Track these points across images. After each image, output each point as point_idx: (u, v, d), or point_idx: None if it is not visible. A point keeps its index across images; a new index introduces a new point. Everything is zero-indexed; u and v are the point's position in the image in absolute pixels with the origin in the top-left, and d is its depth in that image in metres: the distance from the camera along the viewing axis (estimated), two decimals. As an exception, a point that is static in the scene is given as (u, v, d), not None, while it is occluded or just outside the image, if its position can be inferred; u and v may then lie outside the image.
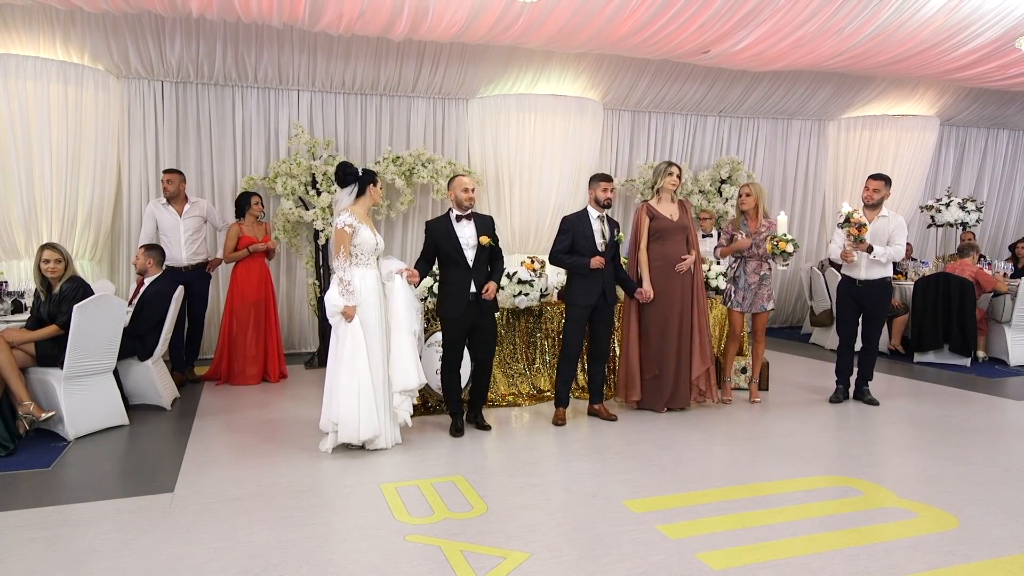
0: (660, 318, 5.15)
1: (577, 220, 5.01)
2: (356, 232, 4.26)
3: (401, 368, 4.31)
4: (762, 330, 5.63)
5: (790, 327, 9.74)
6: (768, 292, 5.51)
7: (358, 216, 4.32)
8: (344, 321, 4.21)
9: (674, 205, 5.23)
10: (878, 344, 5.63)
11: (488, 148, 7.83)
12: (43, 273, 4.71)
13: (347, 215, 4.29)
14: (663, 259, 5.16)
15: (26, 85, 6.04)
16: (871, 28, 6.15)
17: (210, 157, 7.19)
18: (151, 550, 3.01)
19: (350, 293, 4.22)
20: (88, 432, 4.68)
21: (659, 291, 5.13)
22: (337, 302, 4.20)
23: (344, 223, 4.26)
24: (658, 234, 5.16)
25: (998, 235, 10.71)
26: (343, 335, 4.22)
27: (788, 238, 5.29)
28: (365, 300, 4.27)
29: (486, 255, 4.73)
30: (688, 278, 5.20)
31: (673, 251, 5.16)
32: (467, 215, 4.71)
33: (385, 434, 4.35)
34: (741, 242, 5.45)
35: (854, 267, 5.45)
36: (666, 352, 5.17)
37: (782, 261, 5.35)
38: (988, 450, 4.42)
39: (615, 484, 3.79)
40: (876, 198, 5.43)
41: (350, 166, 4.38)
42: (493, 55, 7.29)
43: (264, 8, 5.58)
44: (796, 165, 9.45)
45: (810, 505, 3.54)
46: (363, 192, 4.40)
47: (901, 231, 5.42)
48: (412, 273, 4.46)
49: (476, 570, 2.82)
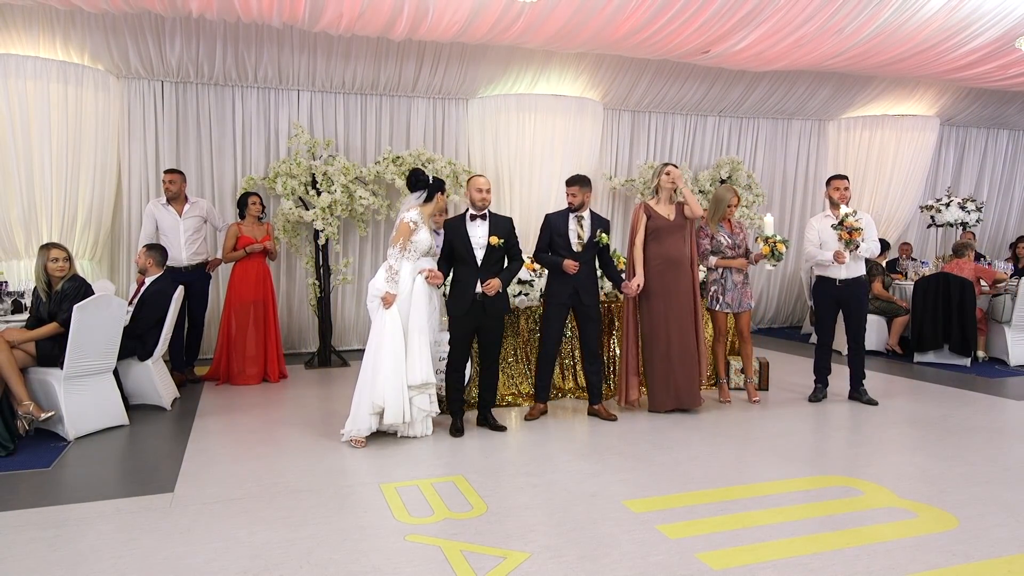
0: (660, 318, 5.16)
1: (556, 219, 5.11)
2: (417, 230, 4.53)
3: (408, 364, 4.45)
4: (747, 328, 5.65)
5: (790, 327, 9.74)
6: (750, 290, 5.64)
7: (424, 217, 4.60)
8: (383, 307, 4.44)
9: (672, 207, 5.23)
10: (864, 342, 5.65)
11: (488, 148, 7.83)
12: (49, 272, 4.72)
13: (415, 212, 4.59)
14: (661, 258, 5.17)
15: (26, 85, 6.04)
16: (871, 28, 6.15)
17: (210, 157, 7.19)
18: (151, 550, 3.01)
19: (395, 282, 4.46)
20: (88, 432, 4.68)
21: (658, 291, 5.14)
22: (381, 287, 4.46)
23: (410, 219, 4.55)
24: (655, 234, 5.18)
25: (998, 235, 10.71)
26: (385, 323, 4.43)
27: (780, 238, 5.38)
28: (407, 293, 4.50)
29: (498, 256, 4.79)
30: (689, 279, 5.20)
31: (671, 250, 5.16)
32: (481, 215, 4.76)
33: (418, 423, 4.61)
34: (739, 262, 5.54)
35: (834, 268, 5.48)
36: (665, 353, 5.16)
37: (773, 261, 5.41)
38: (988, 450, 4.42)
39: (615, 484, 3.79)
40: (848, 197, 5.51)
41: (421, 173, 4.68)
42: (493, 55, 7.29)
43: (264, 8, 5.58)
44: (796, 165, 9.46)
45: (810, 505, 3.54)
46: (431, 198, 4.69)
47: (871, 227, 5.53)
48: (434, 275, 4.60)
49: (476, 570, 2.82)
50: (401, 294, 4.48)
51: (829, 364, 5.73)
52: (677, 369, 5.18)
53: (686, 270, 5.20)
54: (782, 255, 5.38)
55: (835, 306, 5.60)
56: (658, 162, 8.54)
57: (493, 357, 4.91)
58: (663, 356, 5.17)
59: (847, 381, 5.70)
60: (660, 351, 5.17)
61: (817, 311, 5.81)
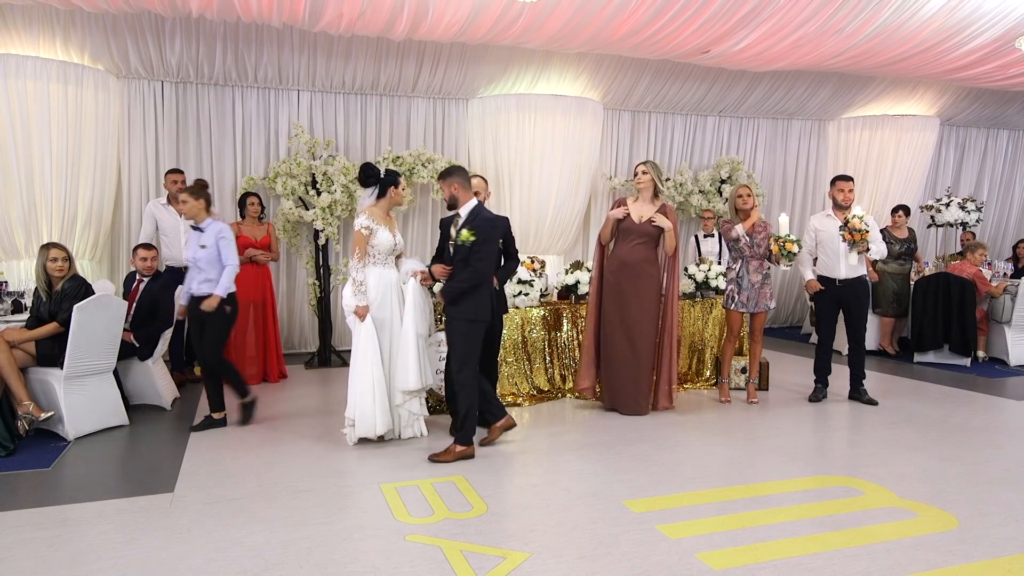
0: (611, 318, 5.15)
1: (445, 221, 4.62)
2: (373, 234, 4.39)
3: (403, 368, 4.38)
4: (760, 330, 5.63)
5: (790, 327, 9.74)
6: (770, 291, 5.54)
7: (376, 217, 4.43)
8: (358, 320, 4.33)
9: (651, 207, 5.08)
10: (864, 341, 5.65)
11: (488, 148, 7.83)
12: (48, 272, 4.72)
13: (364, 217, 4.38)
14: (616, 260, 5.12)
15: (26, 85, 6.04)
16: (871, 28, 6.15)
17: (210, 157, 7.19)
18: (151, 550, 3.01)
19: (363, 294, 4.34)
20: (88, 432, 4.68)
21: (611, 291, 5.13)
22: (350, 302, 4.36)
23: (361, 225, 4.37)
24: (619, 234, 5.12)
25: (998, 235, 10.71)
26: (358, 333, 4.35)
27: (793, 239, 5.31)
28: (381, 299, 4.40)
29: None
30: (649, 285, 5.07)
31: (629, 255, 5.07)
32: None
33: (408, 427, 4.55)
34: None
35: (834, 268, 5.47)
36: (608, 355, 5.18)
37: (786, 262, 5.36)
38: (988, 450, 4.43)
39: (615, 484, 3.79)
40: (852, 199, 5.50)
41: (372, 168, 4.45)
42: (493, 55, 7.29)
43: (264, 8, 5.58)
44: (796, 165, 9.46)
45: (810, 505, 3.54)
46: (383, 194, 4.48)
47: (874, 228, 5.51)
48: (426, 276, 4.52)
49: (476, 570, 2.82)
50: (381, 300, 4.39)
51: (829, 364, 5.72)
52: (619, 372, 5.15)
53: (646, 275, 5.07)
54: (793, 255, 5.32)
55: (835, 306, 5.60)
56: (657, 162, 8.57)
57: (493, 357, 4.89)
58: (608, 357, 5.20)
59: (847, 381, 5.71)
60: (608, 351, 5.20)
61: (817, 311, 5.81)
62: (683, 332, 6.12)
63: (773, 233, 5.44)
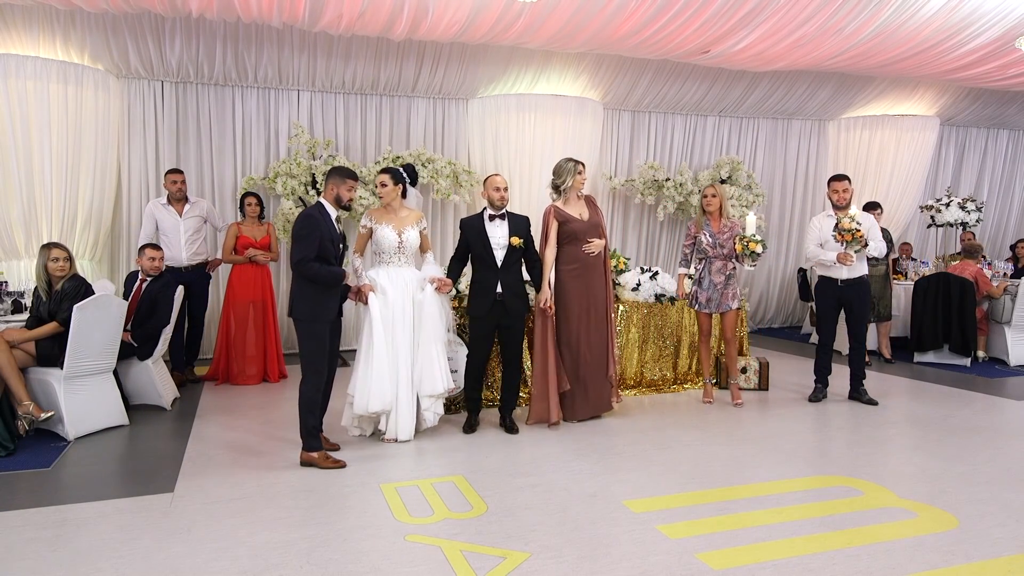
0: (577, 323, 4.92)
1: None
2: (372, 233, 4.54)
3: (429, 375, 4.49)
4: (731, 330, 5.54)
5: (790, 327, 9.74)
6: (733, 291, 5.46)
7: (374, 217, 4.55)
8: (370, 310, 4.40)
9: (581, 203, 5.01)
10: (865, 342, 5.66)
11: (488, 148, 7.82)
12: (50, 272, 4.72)
13: (365, 216, 4.60)
14: (579, 261, 4.91)
15: (26, 85, 6.04)
16: (871, 28, 6.14)
17: (210, 157, 7.19)
18: (151, 550, 3.01)
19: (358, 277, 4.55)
20: (88, 432, 4.68)
21: (575, 295, 4.91)
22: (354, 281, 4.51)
23: (361, 224, 4.62)
24: (571, 236, 4.89)
25: (998, 235, 10.70)
26: (367, 322, 4.45)
27: (757, 239, 5.25)
28: (392, 298, 4.45)
29: (517, 256, 4.76)
30: (602, 279, 5.01)
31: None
32: (500, 215, 4.74)
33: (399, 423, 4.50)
34: None
35: (835, 268, 5.46)
36: (575, 360, 4.94)
37: (750, 262, 5.28)
38: (988, 450, 4.43)
39: (615, 484, 3.80)
40: (847, 198, 5.49)
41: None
42: (493, 55, 7.29)
43: (264, 8, 5.58)
44: (796, 165, 9.45)
45: (810, 505, 3.54)
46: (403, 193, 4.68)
47: (874, 227, 5.54)
48: (443, 284, 4.59)
49: (476, 570, 2.82)
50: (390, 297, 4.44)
51: (830, 364, 5.72)
52: (592, 375, 4.99)
53: (600, 271, 5.01)
54: (757, 255, 5.23)
55: (837, 306, 5.59)
56: (657, 161, 8.56)
57: (515, 357, 4.89)
58: (579, 363, 4.94)
59: (847, 381, 5.71)
60: (576, 358, 4.94)
61: (818, 311, 5.80)
62: (683, 332, 6.13)
63: (738, 233, 5.39)
